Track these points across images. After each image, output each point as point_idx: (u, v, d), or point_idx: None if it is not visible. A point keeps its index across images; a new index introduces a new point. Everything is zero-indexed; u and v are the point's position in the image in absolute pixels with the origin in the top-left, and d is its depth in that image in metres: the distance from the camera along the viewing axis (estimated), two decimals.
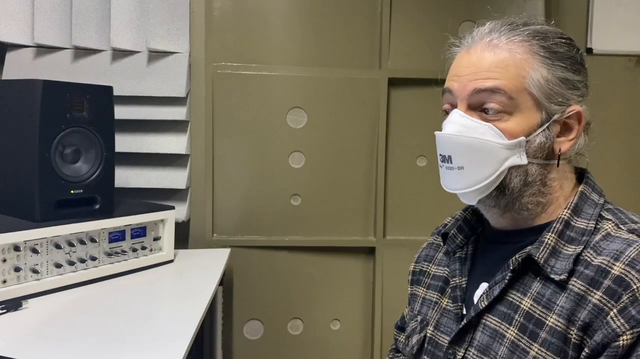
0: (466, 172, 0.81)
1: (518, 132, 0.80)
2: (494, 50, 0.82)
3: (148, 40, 1.71)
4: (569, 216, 0.81)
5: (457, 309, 0.88)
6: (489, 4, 1.81)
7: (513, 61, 0.80)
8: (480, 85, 0.80)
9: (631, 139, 1.91)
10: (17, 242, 1.21)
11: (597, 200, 0.84)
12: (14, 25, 1.67)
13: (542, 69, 0.80)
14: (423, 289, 1.00)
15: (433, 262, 1.01)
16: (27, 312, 1.17)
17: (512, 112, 0.80)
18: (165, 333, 1.11)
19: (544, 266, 0.78)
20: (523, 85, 0.80)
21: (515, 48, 0.81)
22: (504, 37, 0.82)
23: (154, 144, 1.74)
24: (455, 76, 0.85)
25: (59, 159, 1.32)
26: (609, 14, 1.88)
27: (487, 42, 0.83)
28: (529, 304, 0.78)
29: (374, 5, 1.81)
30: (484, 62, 0.82)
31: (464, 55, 0.85)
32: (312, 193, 1.84)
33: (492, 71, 0.80)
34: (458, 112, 0.82)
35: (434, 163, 1.88)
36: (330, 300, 1.89)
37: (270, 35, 1.79)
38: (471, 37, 0.86)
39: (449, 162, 0.83)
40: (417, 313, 0.98)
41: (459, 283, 0.90)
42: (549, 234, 0.80)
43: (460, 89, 0.83)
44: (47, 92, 1.27)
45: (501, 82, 0.79)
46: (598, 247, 0.77)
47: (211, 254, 1.71)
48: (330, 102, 1.82)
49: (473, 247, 0.93)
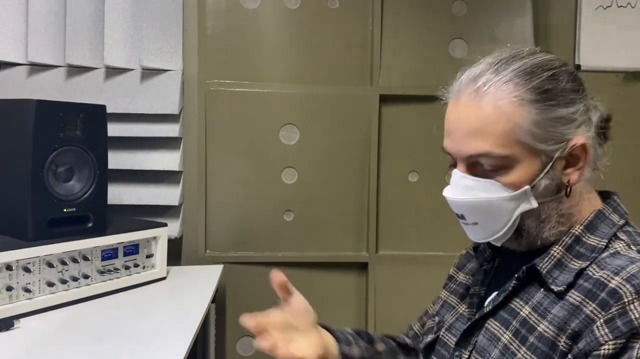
0: (481, 226, 0.83)
1: (520, 183, 0.79)
2: (479, 104, 0.79)
3: (141, 58, 1.72)
4: (581, 231, 0.82)
5: (471, 315, 0.90)
6: (478, 22, 1.85)
7: (499, 115, 0.78)
8: (472, 151, 0.80)
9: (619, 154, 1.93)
10: (9, 262, 1.21)
11: (616, 221, 0.83)
12: (7, 44, 1.68)
13: (532, 115, 0.78)
14: (446, 292, 1.03)
15: (463, 270, 1.03)
16: (19, 331, 1.17)
17: (511, 166, 0.79)
18: (158, 351, 1.11)
19: (546, 276, 0.79)
20: (513, 138, 0.78)
21: (501, 98, 0.79)
22: (490, 84, 0.80)
23: (147, 161, 1.75)
24: (447, 133, 0.84)
25: (52, 178, 1.32)
26: (596, 31, 1.91)
27: (473, 91, 0.81)
28: (527, 311, 0.80)
29: (365, 23, 1.83)
30: (470, 121, 0.80)
31: (453, 108, 0.84)
32: (305, 209, 1.85)
33: (480, 133, 0.79)
34: (458, 174, 0.83)
35: (425, 179, 1.92)
36: (323, 316, 1.86)
37: (262, 53, 1.81)
38: (459, 81, 0.84)
39: (463, 219, 0.85)
40: (435, 314, 1.01)
41: (478, 291, 0.93)
42: (556, 247, 0.81)
43: (455, 151, 0.83)
44: (41, 112, 1.28)
45: (490, 144, 0.78)
46: (602, 263, 0.77)
47: (204, 270, 1.71)
48: (322, 118, 1.84)
49: (500, 261, 0.95)
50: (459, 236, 0.98)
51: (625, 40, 1.92)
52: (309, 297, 1.86)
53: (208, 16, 1.78)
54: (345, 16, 1.82)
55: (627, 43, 1.91)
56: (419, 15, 1.85)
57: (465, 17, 1.85)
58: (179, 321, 1.29)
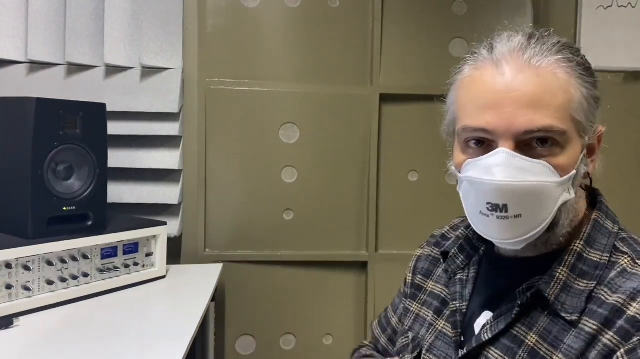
0: (523, 220, 0.70)
1: (569, 167, 0.71)
2: (537, 72, 0.70)
3: (141, 56, 1.72)
4: (582, 247, 0.75)
5: (456, 336, 0.83)
6: (478, 21, 1.85)
7: (559, 85, 0.70)
8: (530, 126, 0.69)
9: (619, 155, 1.93)
10: (8, 260, 1.21)
11: (611, 228, 0.78)
12: (7, 42, 1.67)
13: (583, 89, 0.71)
14: (418, 305, 0.95)
15: (431, 278, 0.95)
16: (18, 330, 1.17)
17: (564, 146, 0.71)
18: (157, 349, 1.11)
19: (554, 302, 0.73)
20: (569, 113, 0.70)
21: (555, 68, 0.70)
22: (542, 55, 0.71)
23: (146, 160, 1.75)
24: (487, 107, 0.71)
25: (52, 176, 1.32)
26: (596, 32, 1.91)
27: (524, 61, 0.70)
28: (535, 340, 0.73)
29: (366, 22, 1.83)
30: (528, 87, 0.69)
31: (494, 74, 0.71)
32: (305, 208, 1.85)
33: (540, 104, 0.69)
34: (507, 154, 0.69)
35: (425, 178, 1.92)
36: (322, 315, 1.89)
37: (262, 52, 1.81)
38: (493, 51, 0.73)
39: (502, 211, 0.70)
40: (408, 329, 0.94)
41: (459, 308, 0.84)
42: (560, 269, 0.74)
43: (505, 126, 0.69)
44: (41, 110, 1.28)
45: (551, 117, 0.69)
46: (613, 285, 0.71)
47: (203, 269, 1.71)
48: (322, 117, 1.84)
49: (475, 269, 0.87)
50: None
51: (626, 40, 1.91)
52: (309, 296, 1.88)
53: (208, 15, 1.78)
54: (346, 15, 1.82)
55: (627, 43, 1.91)
56: (419, 14, 1.85)
57: (465, 17, 1.85)
58: (178, 319, 1.29)
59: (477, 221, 0.75)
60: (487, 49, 0.75)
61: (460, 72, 0.78)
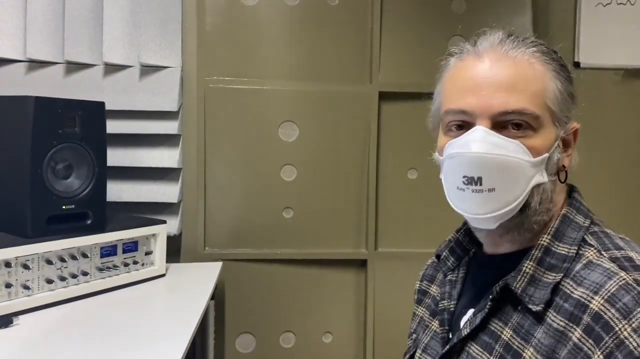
0: (497, 194, 0.75)
1: (542, 149, 0.76)
2: (515, 60, 0.77)
3: (140, 54, 1.72)
4: (549, 241, 0.78)
5: (444, 333, 0.86)
6: (477, 19, 1.85)
7: (534, 74, 0.77)
8: (506, 107, 0.75)
9: (618, 151, 1.94)
10: (8, 259, 1.21)
11: (581, 223, 0.80)
12: (5, 40, 1.67)
13: (558, 83, 0.78)
14: (422, 308, 0.99)
15: (434, 282, 0.99)
16: (17, 329, 1.17)
17: (536, 129, 0.76)
18: (157, 348, 1.11)
19: (521, 295, 0.76)
20: (543, 100, 0.76)
21: (531, 59, 0.78)
22: (519, 48, 0.78)
23: (146, 158, 1.75)
24: (468, 90, 0.78)
25: (51, 175, 1.32)
26: (595, 29, 1.91)
27: (502, 52, 0.78)
28: (509, 334, 0.76)
29: (365, 20, 1.83)
30: (505, 73, 0.76)
31: (475, 63, 0.79)
32: (304, 206, 1.85)
33: (515, 88, 0.75)
34: (484, 130, 0.75)
35: (424, 176, 1.91)
36: (322, 313, 1.89)
37: (262, 50, 1.81)
38: (476, 45, 0.81)
39: (477, 184, 0.75)
40: (412, 332, 0.99)
41: (447, 306, 0.88)
42: (527, 262, 0.77)
43: (483, 107, 0.76)
44: (40, 109, 1.28)
45: (525, 101, 0.75)
46: (578, 277, 0.73)
47: (203, 267, 1.71)
48: (321, 115, 1.83)
49: (465, 270, 0.91)
50: None
51: (625, 38, 1.91)
52: (308, 294, 1.88)
53: (207, 13, 1.77)
54: (345, 13, 1.82)
55: (626, 40, 1.91)
56: (418, 12, 1.84)
57: (464, 15, 1.85)
58: (178, 318, 1.29)
59: (455, 197, 0.80)
60: (471, 44, 0.82)
61: (446, 64, 0.85)
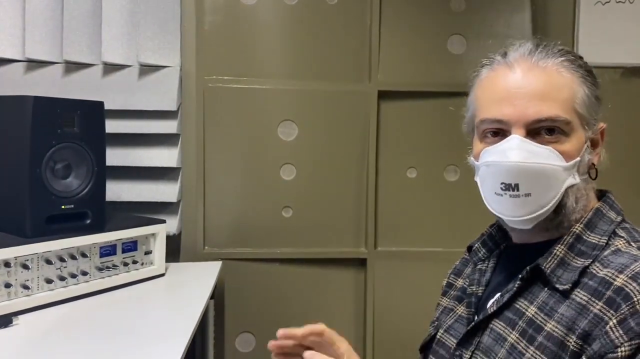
0: (533, 198, 0.80)
1: (574, 153, 0.81)
2: (544, 70, 0.82)
3: (139, 54, 1.72)
4: (581, 230, 0.83)
5: (470, 315, 0.90)
6: (477, 18, 1.85)
7: (564, 82, 0.82)
8: (539, 115, 0.80)
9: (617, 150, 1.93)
10: (7, 259, 1.21)
11: (614, 218, 0.85)
12: (4, 40, 1.67)
13: (585, 88, 0.82)
14: (447, 299, 1.02)
15: (461, 276, 1.03)
16: (17, 328, 1.17)
17: (568, 135, 0.81)
18: (156, 347, 1.11)
19: (550, 275, 0.80)
20: (573, 106, 0.81)
21: (560, 68, 0.82)
22: (548, 58, 0.83)
23: (145, 158, 1.75)
24: (502, 100, 0.82)
25: (50, 175, 1.32)
26: (594, 27, 1.91)
27: (533, 63, 0.83)
28: (534, 311, 0.80)
29: (364, 19, 1.83)
30: (537, 82, 0.81)
31: (507, 73, 0.84)
32: (304, 205, 1.85)
33: (547, 97, 0.80)
34: (520, 139, 0.80)
35: (424, 175, 1.92)
36: (322, 312, 1.89)
37: (261, 49, 1.80)
38: (507, 56, 0.85)
39: (514, 190, 0.80)
40: (435, 319, 1.01)
41: (475, 291, 0.92)
42: (558, 246, 0.82)
43: (517, 116, 0.81)
44: (38, 108, 1.27)
45: (556, 108, 0.80)
46: (605, 260, 0.78)
47: (202, 267, 1.71)
48: (320, 114, 1.83)
49: (495, 261, 0.95)
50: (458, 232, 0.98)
51: (624, 36, 1.91)
52: (308, 293, 1.88)
53: (206, 12, 1.77)
54: (344, 12, 1.82)
55: (626, 38, 1.91)
56: (417, 11, 1.84)
57: (463, 13, 1.85)
58: (177, 317, 1.29)
59: (492, 201, 0.85)
60: (501, 55, 0.87)
61: (478, 75, 0.90)
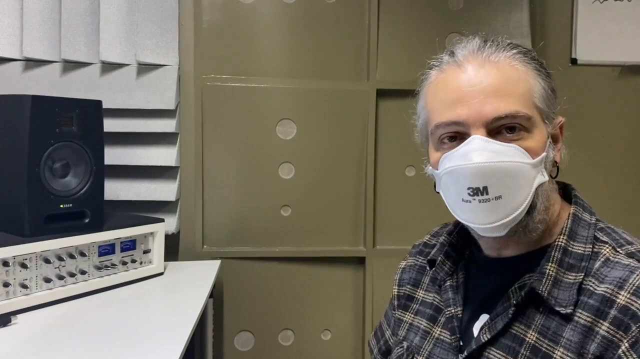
0: (503, 201, 0.73)
1: (539, 149, 0.75)
2: (497, 65, 0.76)
3: (137, 53, 1.71)
4: (565, 242, 0.78)
5: (455, 341, 0.84)
6: (475, 16, 1.85)
7: (519, 75, 0.76)
8: (497, 113, 0.73)
9: (615, 148, 1.94)
10: (5, 258, 1.21)
11: (589, 220, 0.81)
12: (2, 39, 1.67)
13: (540, 80, 0.77)
14: (410, 315, 0.96)
15: (421, 287, 0.96)
16: (16, 328, 1.17)
17: (530, 130, 0.75)
18: (155, 346, 1.11)
19: (548, 298, 0.75)
20: (531, 100, 0.76)
21: (512, 61, 0.77)
22: (498, 52, 0.77)
23: (143, 157, 1.75)
24: (456, 101, 0.76)
25: (48, 174, 1.32)
26: (592, 25, 1.91)
27: (484, 58, 0.77)
28: (535, 337, 0.75)
29: (362, 18, 1.83)
30: (491, 78, 0.75)
31: (457, 72, 0.77)
32: (302, 204, 1.85)
33: (504, 93, 0.74)
34: (482, 139, 0.74)
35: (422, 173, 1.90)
36: (321, 310, 1.89)
37: (259, 48, 1.80)
38: (455, 55, 0.79)
39: (483, 194, 0.73)
40: (402, 339, 0.94)
41: (454, 313, 0.86)
42: (549, 265, 0.77)
43: (474, 116, 0.74)
44: (36, 107, 1.27)
45: (515, 103, 0.74)
46: (599, 274, 0.74)
47: (201, 266, 1.71)
48: (319, 113, 1.83)
49: (463, 274, 0.89)
50: None
51: (622, 34, 1.92)
52: (307, 292, 1.88)
53: (204, 11, 1.77)
54: (342, 10, 1.82)
55: (623, 37, 1.92)
56: (415, 9, 1.84)
57: (462, 12, 1.85)
58: (176, 316, 1.29)
59: (460, 209, 0.77)
60: (448, 54, 0.81)
61: (427, 78, 0.84)
